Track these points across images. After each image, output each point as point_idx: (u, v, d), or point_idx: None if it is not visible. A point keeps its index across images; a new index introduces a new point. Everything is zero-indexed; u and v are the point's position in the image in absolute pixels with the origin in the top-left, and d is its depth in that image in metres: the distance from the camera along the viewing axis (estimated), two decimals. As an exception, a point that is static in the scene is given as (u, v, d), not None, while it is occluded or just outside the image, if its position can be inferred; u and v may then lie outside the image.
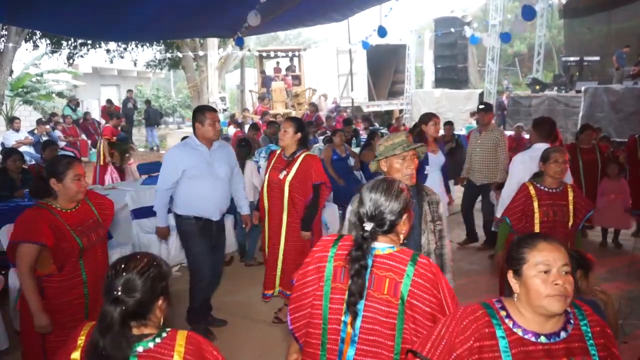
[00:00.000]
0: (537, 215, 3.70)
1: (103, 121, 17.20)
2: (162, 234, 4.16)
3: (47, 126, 12.69)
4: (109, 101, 17.51)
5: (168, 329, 1.68)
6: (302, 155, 4.24)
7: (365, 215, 1.99)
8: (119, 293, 1.57)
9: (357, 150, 8.22)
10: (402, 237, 2.03)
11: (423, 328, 1.87)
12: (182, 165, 3.90)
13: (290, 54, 19.38)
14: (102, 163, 8.84)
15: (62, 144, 11.89)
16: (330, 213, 6.32)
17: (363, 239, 1.94)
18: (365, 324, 1.92)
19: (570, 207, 3.71)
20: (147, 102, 18.83)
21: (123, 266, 1.61)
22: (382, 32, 8.65)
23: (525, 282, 1.66)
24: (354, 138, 9.86)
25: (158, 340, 1.63)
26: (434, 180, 5.18)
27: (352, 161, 7.38)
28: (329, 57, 20.67)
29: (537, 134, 4.65)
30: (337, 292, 1.97)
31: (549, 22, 21.18)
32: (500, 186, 6.22)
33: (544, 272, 1.62)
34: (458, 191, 7.54)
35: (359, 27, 17.31)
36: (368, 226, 1.95)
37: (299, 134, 4.26)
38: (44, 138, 11.09)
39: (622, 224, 6.61)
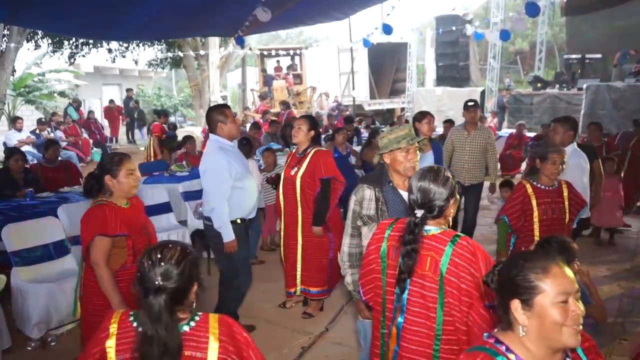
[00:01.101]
0: (536, 213, 3.68)
1: (106, 121, 17.25)
2: (233, 246, 3.86)
3: (49, 128, 12.68)
4: (111, 101, 17.51)
5: (200, 313, 1.76)
6: (313, 151, 4.31)
7: (415, 202, 2.17)
8: (161, 282, 1.62)
9: (358, 148, 8.23)
10: (449, 219, 2.22)
11: (460, 303, 2.04)
12: (232, 169, 3.76)
13: (291, 52, 19.36)
14: (152, 160, 9.02)
15: (63, 143, 11.90)
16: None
17: (415, 225, 2.12)
18: (411, 296, 2.15)
19: (566, 203, 3.72)
20: (136, 102, 18.98)
21: (159, 256, 1.65)
22: (387, 29, 8.63)
23: (539, 315, 1.45)
24: (355, 137, 9.87)
25: (192, 323, 1.71)
26: None
27: (353, 159, 7.39)
28: (331, 56, 20.63)
29: (573, 134, 4.55)
30: (391, 268, 2.20)
31: (550, 20, 21.11)
32: (502, 183, 6.25)
33: (562, 302, 1.44)
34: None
35: (360, 26, 17.30)
36: (419, 213, 2.14)
37: (312, 132, 4.34)
38: (47, 138, 11.11)
39: (617, 221, 6.61)
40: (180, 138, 9.23)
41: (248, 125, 11.47)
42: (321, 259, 4.44)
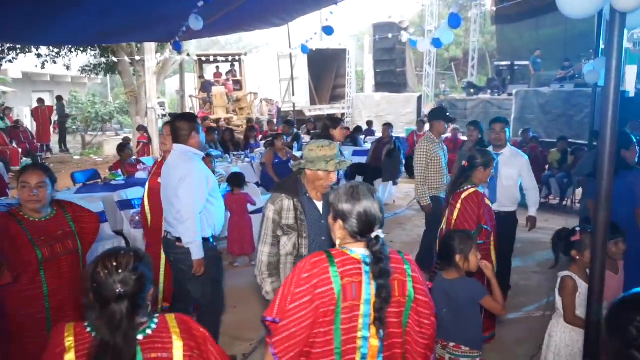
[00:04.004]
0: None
1: (34, 126, 16.47)
2: (202, 265, 3.50)
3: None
4: (40, 100, 16.72)
5: (156, 315, 1.77)
6: None
7: (376, 222, 1.90)
8: (121, 290, 1.62)
9: (298, 154, 8.29)
10: None
11: (424, 316, 1.95)
12: (210, 179, 3.53)
13: (230, 58, 19.23)
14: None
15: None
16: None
17: (382, 248, 1.87)
18: (389, 329, 1.91)
19: None
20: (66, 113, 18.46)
21: (115, 264, 1.64)
22: (328, 30, 8.69)
23: None
24: (295, 142, 9.93)
25: (153, 326, 1.72)
26: None
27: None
28: (270, 62, 20.65)
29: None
30: (348, 310, 1.86)
31: (482, 29, 22.01)
32: None
33: None
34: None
35: (299, 32, 17.38)
36: (381, 233, 1.90)
37: None
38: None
39: None
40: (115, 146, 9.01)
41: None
42: None
